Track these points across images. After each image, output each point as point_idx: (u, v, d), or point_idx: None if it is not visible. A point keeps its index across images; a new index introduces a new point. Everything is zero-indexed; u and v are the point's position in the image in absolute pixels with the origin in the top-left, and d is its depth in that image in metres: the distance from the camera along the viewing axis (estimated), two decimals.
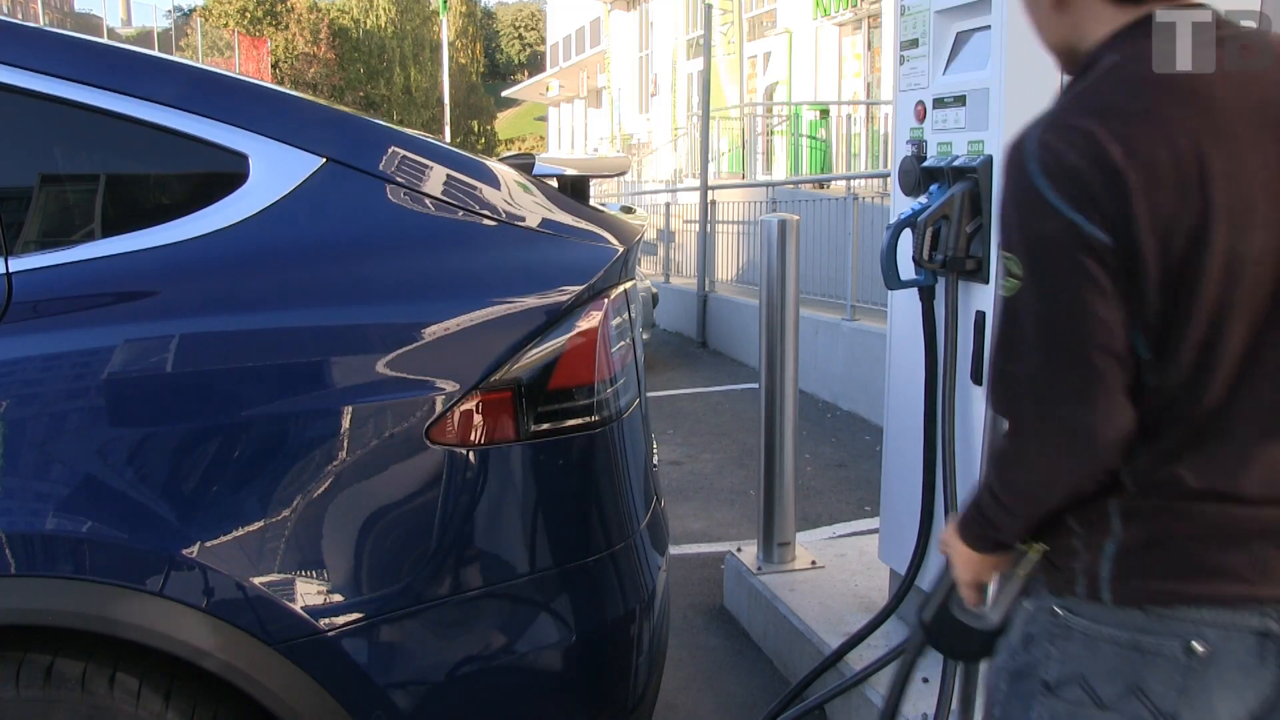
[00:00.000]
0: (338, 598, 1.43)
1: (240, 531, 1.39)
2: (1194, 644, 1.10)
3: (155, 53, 1.74)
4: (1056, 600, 1.16)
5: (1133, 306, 1.05)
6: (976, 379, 2.27)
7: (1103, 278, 1.04)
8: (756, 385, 3.30)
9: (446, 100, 24.36)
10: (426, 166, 1.56)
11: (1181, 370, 1.07)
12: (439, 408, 1.45)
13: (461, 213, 1.54)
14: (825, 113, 14.05)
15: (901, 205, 2.57)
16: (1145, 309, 1.05)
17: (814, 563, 3.26)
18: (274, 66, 32.57)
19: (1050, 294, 1.06)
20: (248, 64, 26.20)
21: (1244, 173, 1.04)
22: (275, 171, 1.48)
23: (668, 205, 11.58)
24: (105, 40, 1.73)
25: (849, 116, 13.59)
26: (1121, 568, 1.12)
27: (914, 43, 2.50)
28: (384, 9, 39.69)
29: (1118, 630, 1.12)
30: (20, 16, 18.32)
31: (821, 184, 10.49)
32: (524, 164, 1.76)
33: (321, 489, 1.42)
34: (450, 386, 1.46)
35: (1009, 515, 1.18)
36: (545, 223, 1.62)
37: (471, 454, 1.48)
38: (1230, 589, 1.10)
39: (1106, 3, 1.16)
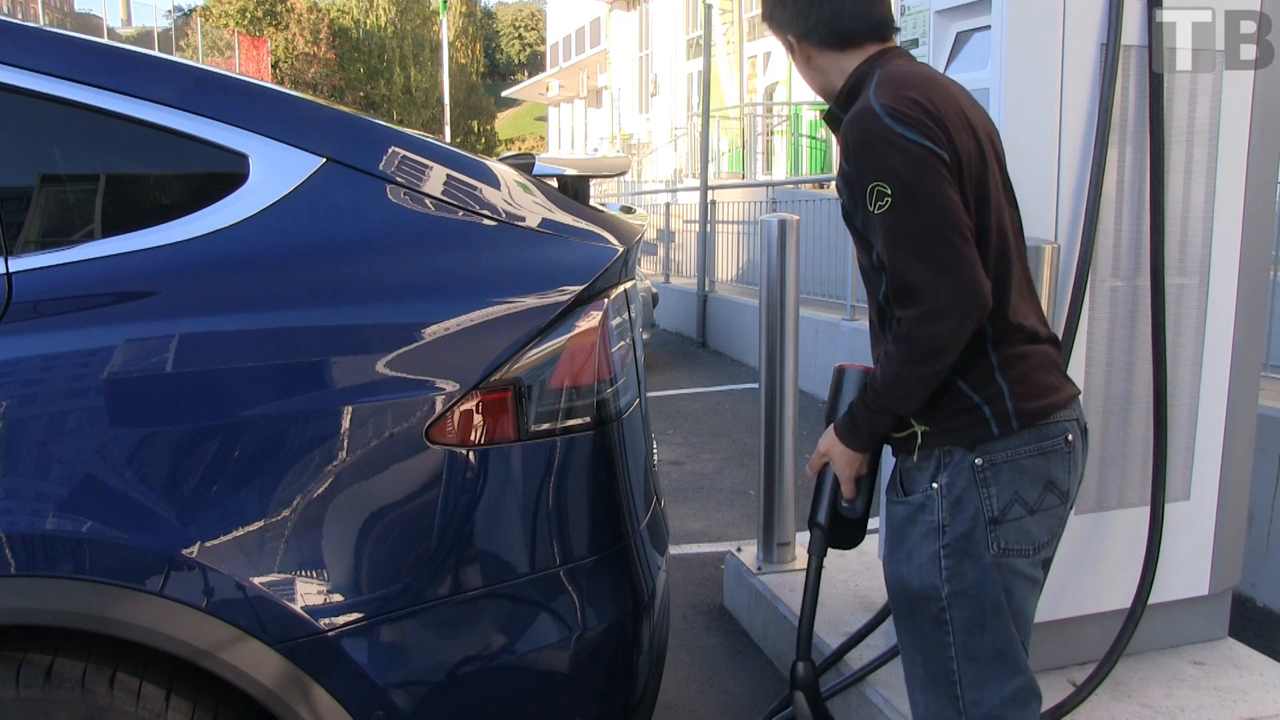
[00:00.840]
0: (338, 598, 1.43)
1: (240, 531, 1.39)
2: (1068, 436, 1.63)
3: (155, 53, 1.74)
4: (974, 454, 1.57)
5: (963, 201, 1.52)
6: None
7: (950, 179, 1.50)
8: (756, 385, 3.30)
9: (446, 100, 24.34)
10: (426, 166, 1.56)
11: (989, 248, 1.56)
12: (439, 408, 1.45)
13: (461, 213, 1.54)
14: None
15: None
16: (966, 204, 1.53)
17: None
18: (274, 66, 32.57)
19: (923, 196, 1.48)
20: (248, 64, 26.19)
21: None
22: (275, 171, 1.48)
23: (668, 205, 11.57)
24: (105, 40, 1.73)
25: None
26: (1015, 402, 1.58)
27: (914, 43, 2.50)
28: (384, 9, 39.69)
29: (1028, 446, 1.58)
30: (20, 16, 18.32)
31: (821, 184, 10.49)
32: (524, 164, 1.76)
33: (322, 489, 1.42)
34: (450, 386, 1.46)
35: (902, 401, 1.59)
36: (545, 223, 1.62)
37: (471, 454, 1.48)
38: (1063, 396, 1.64)
39: (836, 54, 1.69)
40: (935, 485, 1.60)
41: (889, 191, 1.48)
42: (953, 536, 1.59)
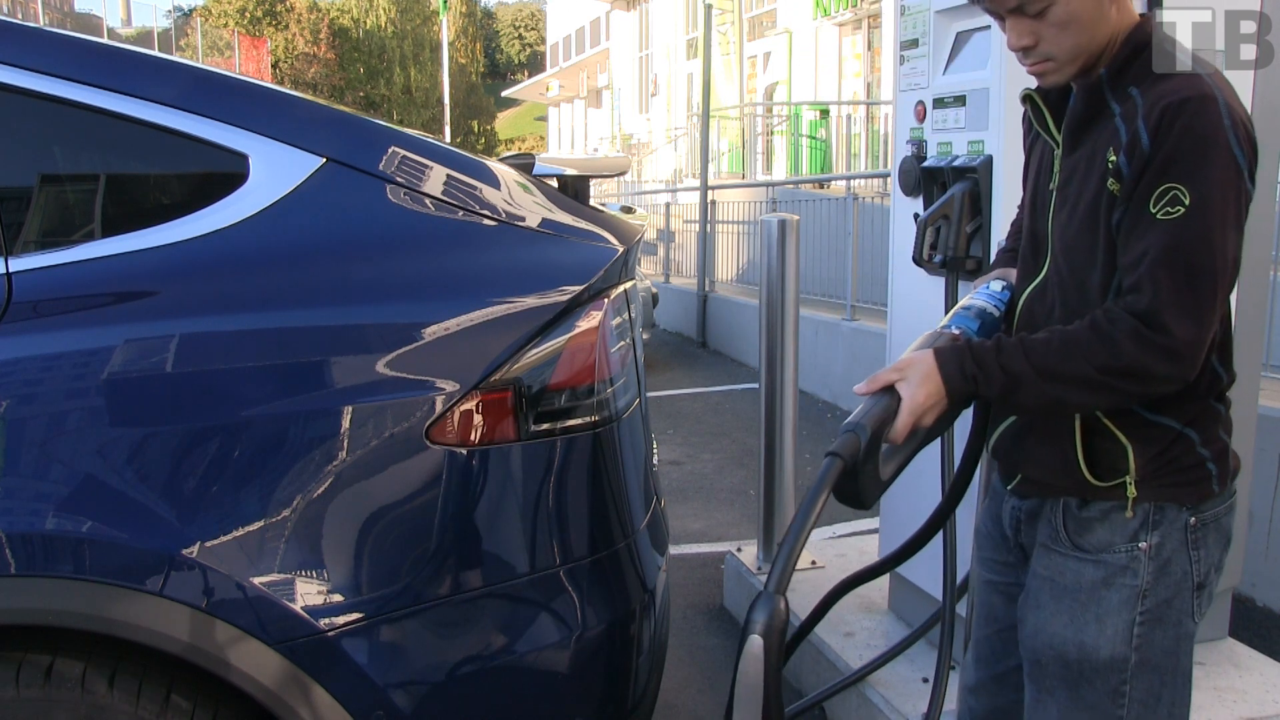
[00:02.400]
0: (338, 598, 1.43)
1: (240, 531, 1.39)
2: (1235, 490, 1.46)
3: (155, 53, 1.74)
4: (1189, 513, 1.39)
5: None
6: None
7: (1244, 222, 1.33)
8: (756, 385, 3.30)
9: (446, 100, 24.35)
10: (426, 166, 1.56)
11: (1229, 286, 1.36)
12: (439, 408, 1.45)
13: (461, 213, 1.54)
14: (825, 113, 14.05)
15: (902, 206, 2.57)
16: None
17: (814, 563, 3.26)
18: (274, 66, 32.56)
19: (1221, 234, 1.29)
20: (248, 64, 26.19)
21: None
22: (275, 171, 1.48)
23: (668, 205, 11.58)
24: (105, 40, 1.73)
25: (849, 116, 13.60)
26: (1233, 459, 1.43)
27: (914, 43, 2.50)
28: (384, 9, 39.69)
29: (1226, 502, 1.43)
30: (20, 16, 18.32)
31: (821, 184, 10.50)
32: (524, 164, 1.76)
33: (321, 489, 1.42)
34: (450, 386, 1.46)
35: (1037, 385, 1.33)
36: (545, 223, 1.62)
37: (471, 454, 1.48)
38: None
39: None
40: (1144, 545, 1.39)
41: (1186, 203, 1.27)
42: (1154, 603, 1.40)
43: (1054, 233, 1.44)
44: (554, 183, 1.76)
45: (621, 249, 1.64)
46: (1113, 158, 1.32)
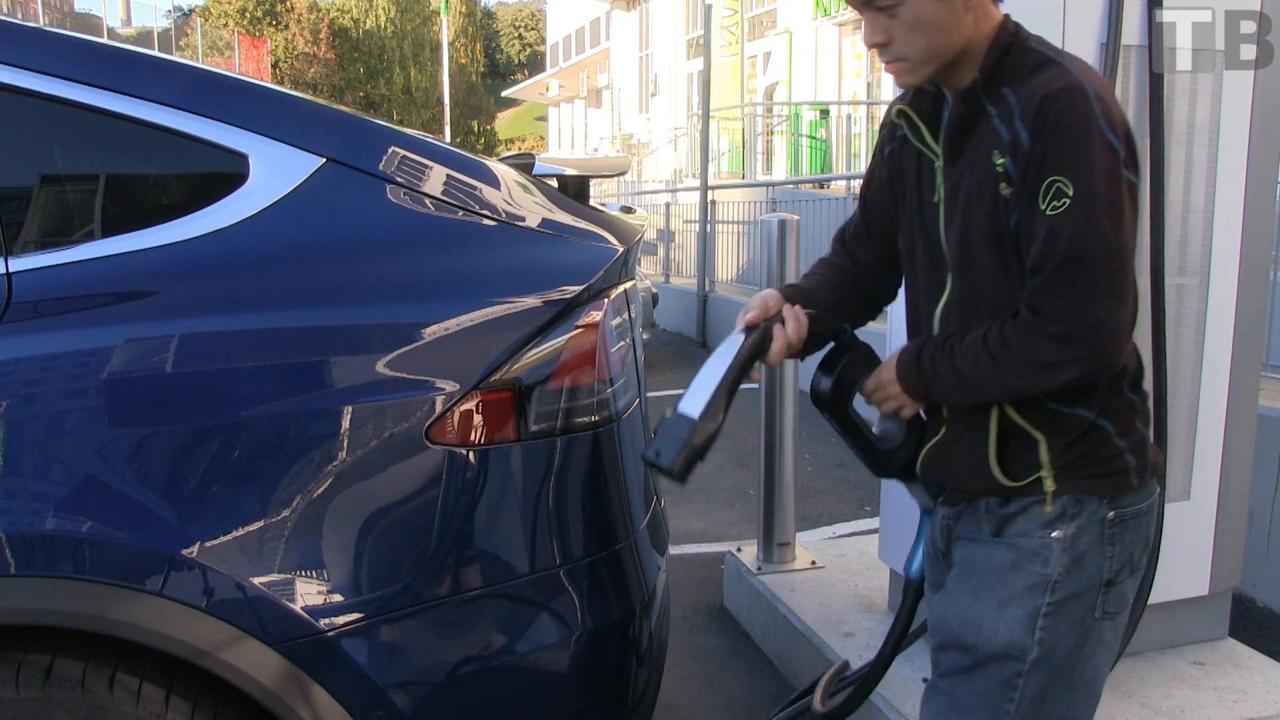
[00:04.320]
0: (338, 598, 1.43)
1: (240, 531, 1.39)
2: (1158, 489, 1.46)
3: (155, 53, 1.74)
4: (1108, 507, 1.38)
5: None
6: None
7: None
8: (756, 385, 3.29)
9: (446, 100, 24.37)
10: (426, 166, 1.56)
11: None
12: (439, 408, 1.45)
13: (461, 213, 1.54)
14: (825, 113, 14.05)
15: None
16: None
17: (814, 563, 3.26)
18: (274, 66, 32.57)
19: (1114, 213, 1.27)
20: (248, 64, 26.20)
21: None
22: (275, 171, 1.48)
23: (668, 205, 11.57)
24: (105, 40, 1.73)
25: (849, 116, 13.60)
26: (1152, 452, 1.42)
27: None
28: (384, 9, 39.69)
29: (1146, 500, 1.41)
30: (20, 16, 18.32)
31: (821, 184, 10.50)
32: (524, 164, 1.76)
33: (321, 489, 1.42)
34: (450, 386, 1.46)
35: (984, 394, 1.38)
36: (545, 223, 1.62)
37: (471, 454, 1.48)
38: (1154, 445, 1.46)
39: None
40: (1056, 535, 1.38)
41: (1070, 194, 1.26)
42: (1062, 595, 1.38)
43: (950, 247, 1.41)
44: (554, 183, 1.76)
45: (621, 249, 1.64)
46: (999, 160, 1.31)
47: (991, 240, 1.35)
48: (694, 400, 1.45)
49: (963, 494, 1.47)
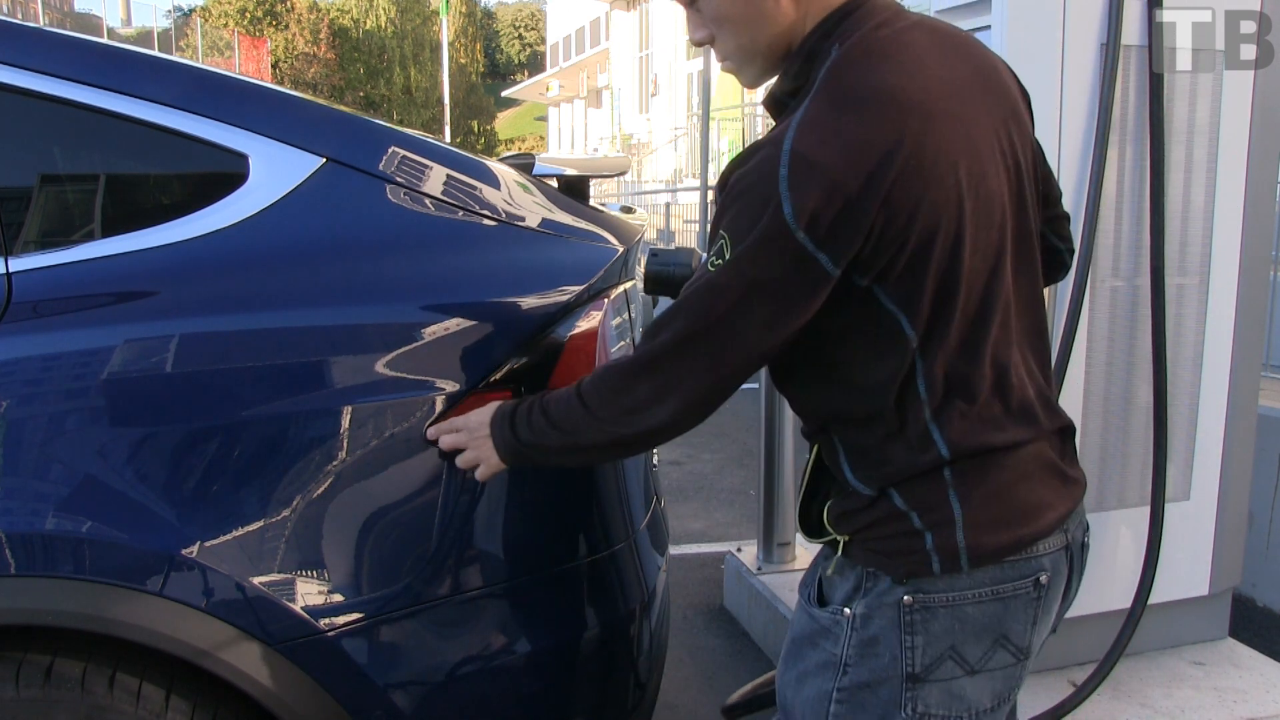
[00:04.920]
0: (338, 598, 1.43)
1: (240, 531, 1.39)
2: (1040, 577, 1.19)
3: (155, 53, 1.74)
4: (904, 588, 1.16)
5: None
6: None
7: (807, 292, 1.12)
8: (756, 385, 3.30)
9: (446, 100, 24.36)
10: (426, 166, 1.56)
11: (953, 317, 1.14)
12: (439, 408, 1.45)
13: (461, 213, 1.54)
14: None
15: None
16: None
17: None
18: (274, 66, 32.58)
19: (748, 290, 1.12)
20: (248, 64, 26.20)
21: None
22: (275, 171, 1.48)
23: (668, 205, 11.59)
24: (105, 40, 1.73)
25: None
26: (970, 535, 1.15)
27: None
28: (384, 9, 39.69)
29: (979, 589, 1.16)
30: (20, 16, 18.32)
31: None
32: (524, 164, 1.76)
33: (321, 489, 1.42)
34: (450, 386, 1.46)
35: (570, 436, 1.26)
36: (545, 223, 1.62)
37: None
38: (1049, 517, 1.20)
39: None
40: (848, 611, 1.20)
41: (728, 253, 1.10)
42: (852, 682, 1.19)
43: None
44: (554, 183, 1.76)
45: (621, 249, 1.64)
46: None
47: None
48: None
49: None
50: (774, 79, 1.24)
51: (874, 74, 1.09)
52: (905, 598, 1.16)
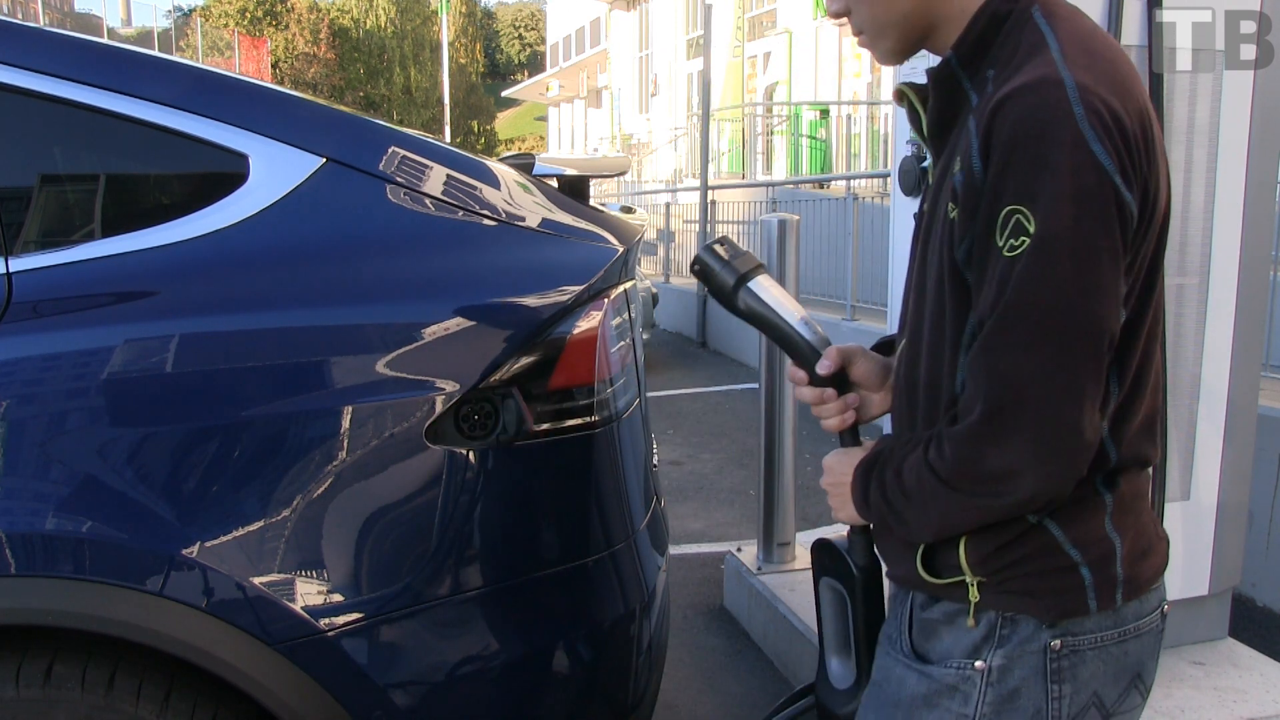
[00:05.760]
0: (338, 598, 1.43)
1: (240, 531, 1.39)
2: (1165, 606, 1.11)
3: (155, 53, 1.74)
4: (1051, 632, 1.04)
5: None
6: None
7: (1123, 251, 0.96)
8: (756, 385, 3.30)
9: (446, 100, 24.37)
10: (426, 166, 1.56)
11: (1139, 340, 1.03)
12: (439, 408, 1.45)
13: (461, 213, 1.54)
14: (825, 113, 14.05)
15: (902, 205, 2.57)
16: (1131, 291, 0.99)
17: None
18: (274, 66, 32.57)
19: (1083, 266, 0.94)
20: (248, 64, 26.20)
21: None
22: (275, 171, 1.48)
23: (668, 205, 11.58)
24: (105, 40, 1.73)
25: (849, 116, 13.60)
26: (1128, 566, 1.05)
27: None
28: (384, 9, 39.69)
29: (1123, 626, 1.07)
30: (20, 16, 18.32)
31: (821, 184, 10.50)
32: (524, 164, 1.76)
33: (321, 489, 1.42)
34: (450, 386, 1.46)
35: (927, 530, 1.06)
36: (545, 223, 1.62)
37: (471, 454, 1.48)
38: (1165, 545, 1.13)
39: None
40: (980, 665, 1.06)
41: (1031, 230, 0.92)
42: None
43: (915, 271, 1.13)
44: (554, 183, 1.76)
45: (621, 249, 1.64)
46: (957, 169, 1.00)
47: (938, 272, 1.04)
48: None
49: (893, 577, 1.18)
50: (910, 59, 1.13)
51: (1099, 32, 1.03)
52: (1054, 642, 1.04)
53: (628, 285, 1.69)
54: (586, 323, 1.54)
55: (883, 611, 1.24)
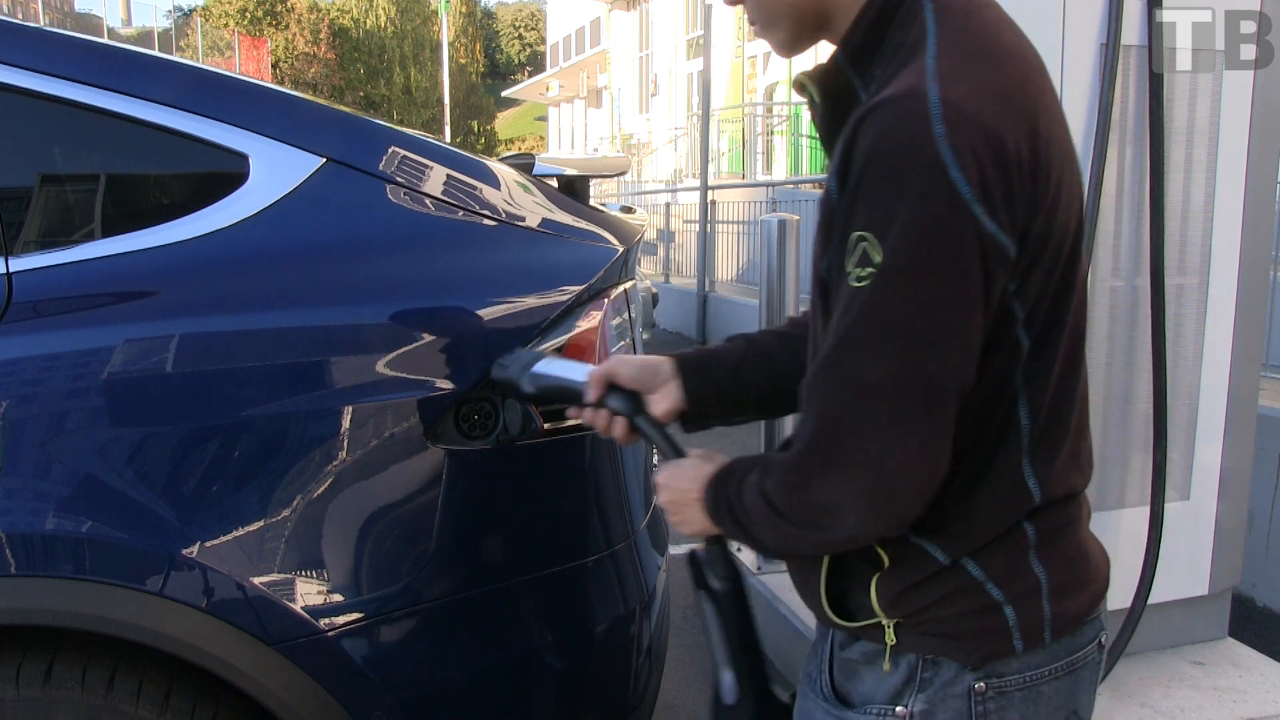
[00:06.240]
0: (338, 598, 1.43)
1: (240, 531, 1.39)
2: (1102, 637, 1.05)
3: (155, 53, 1.74)
4: (975, 674, 0.97)
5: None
6: None
7: (988, 285, 0.88)
8: None
9: (446, 100, 24.37)
10: (426, 166, 1.56)
11: (1055, 361, 0.96)
12: (439, 408, 1.45)
13: (461, 213, 1.54)
14: None
15: None
16: (1011, 320, 0.91)
17: None
18: (274, 66, 32.59)
19: (928, 300, 0.86)
20: (248, 64, 26.20)
21: None
22: (275, 171, 1.48)
23: (668, 205, 11.57)
24: (105, 40, 1.73)
25: None
26: (1055, 602, 0.98)
27: None
28: (384, 9, 39.70)
29: (1055, 664, 1.00)
30: (20, 16, 18.31)
31: (821, 184, 10.48)
32: (524, 164, 1.76)
33: (321, 489, 1.42)
34: (450, 386, 1.46)
35: (786, 551, 1.01)
36: (545, 223, 1.62)
37: (471, 454, 1.48)
38: (1104, 567, 1.07)
39: None
40: (901, 710, 0.99)
41: (877, 262, 0.85)
42: None
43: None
44: (554, 183, 1.76)
45: (621, 249, 1.64)
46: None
47: (811, 281, 0.98)
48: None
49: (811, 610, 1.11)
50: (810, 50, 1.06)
51: (995, 29, 0.93)
52: (978, 684, 0.97)
53: (628, 285, 1.69)
54: (587, 322, 1.55)
55: (751, 622, 1.21)
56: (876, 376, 0.86)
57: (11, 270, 1.40)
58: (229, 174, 1.47)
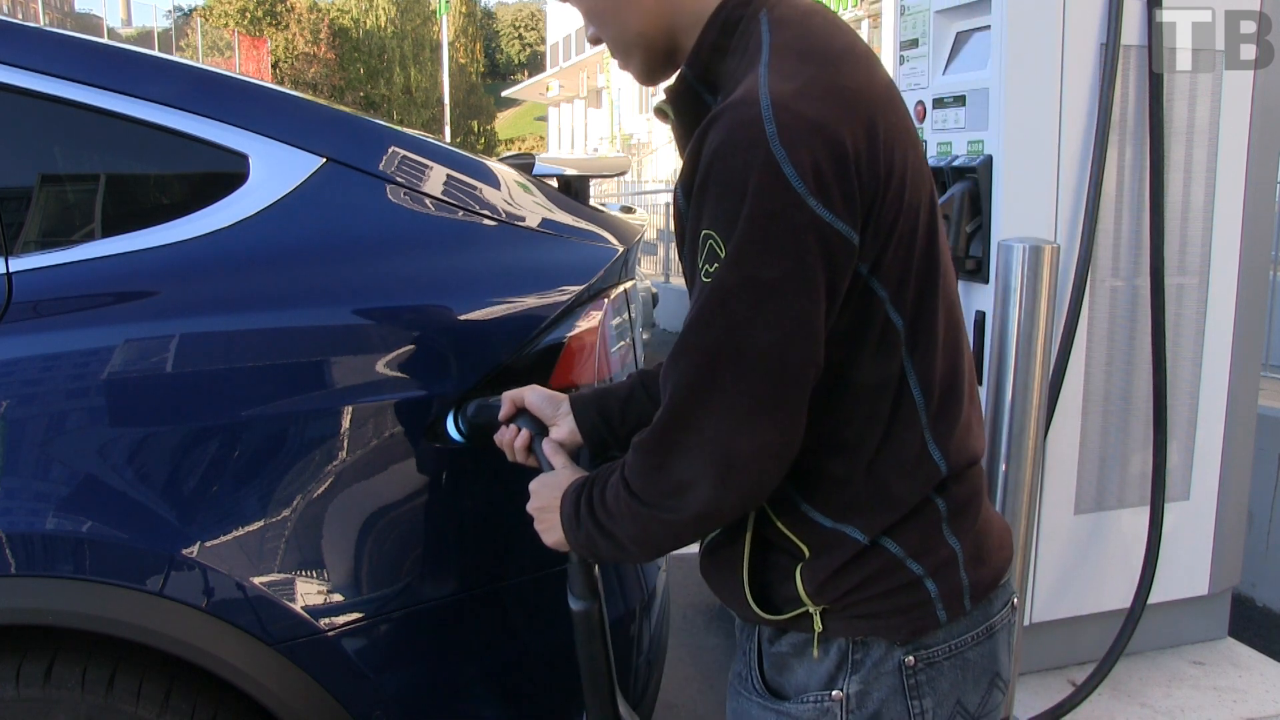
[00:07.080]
0: (338, 597, 1.43)
1: (240, 531, 1.39)
2: (1014, 599, 1.11)
3: (155, 53, 1.74)
4: (903, 650, 1.02)
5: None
6: (978, 379, 2.27)
7: (831, 271, 0.93)
8: None
9: (446, 100, 24.38)
10: (426, 166, 1.56)
11: (936, 344, 1.01)
12: (439, 408, 1.45)
13: (461, 213, 1.54)
14: None
15: None
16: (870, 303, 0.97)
17: None
18: (274, 66, 32.61)
19: (773, 286, 0.91)
20: (248, 64, 26.21)
21: None
22: (275, 171, 1.48)
23: (668, 205, 11.58)
24: (105, 40, 1.73)
25: None
26: (971, 571, 1.04)
27: (914, 43, 2.50)
28: (384, 9, 39.72)
29: (975, 629, 1.05)
30: (20, 16, 18.32)
31: None
32: (524, 164, 1.76)
33: (321, 489, 1.42)
34: (450, 386, 1.46)
35: (643, 549, 1.05)
36: (545, 223, 1.62)
37: (471, 454, 1.48)
38: (1008, 538, 1.13)
39: None
40: (838, 694, 1.03)
41: (722, 257, 0.90)
42: None
43: None
44: (554, 183, 1.76)
45: (621, 249, 1.64)
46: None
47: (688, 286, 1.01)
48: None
49: (732, 611, 1.16)
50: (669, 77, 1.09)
51: (827, 32, 0.98)
52: (907, 659, 1.02)
53: (628, 285, 1.69)
54: (586, 323, 1.55)
55: (606, 645, 1.28)
56: (725, 359, 0.92)
57: (11, 270, 1.40)
58: (229, 174, 1.47)
